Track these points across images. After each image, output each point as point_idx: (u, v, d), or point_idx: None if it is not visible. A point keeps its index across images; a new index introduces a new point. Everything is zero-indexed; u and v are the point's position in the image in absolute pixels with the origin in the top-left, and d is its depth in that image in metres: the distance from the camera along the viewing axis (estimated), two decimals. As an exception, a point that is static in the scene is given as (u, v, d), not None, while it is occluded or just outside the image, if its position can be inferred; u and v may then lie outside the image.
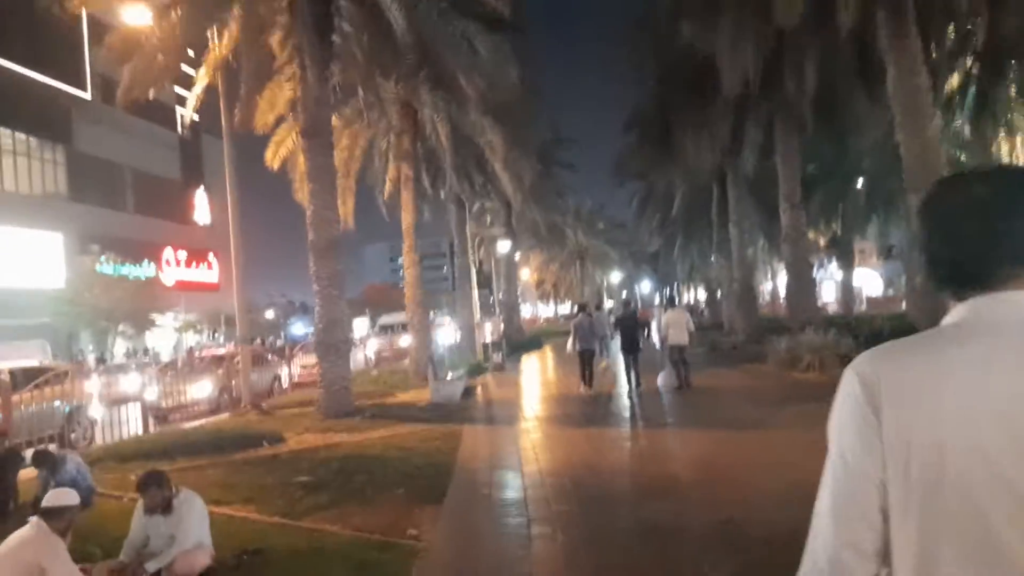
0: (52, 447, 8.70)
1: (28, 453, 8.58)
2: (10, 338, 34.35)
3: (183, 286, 55.33)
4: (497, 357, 19.89)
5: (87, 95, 48.57)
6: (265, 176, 17.74)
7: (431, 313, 45.60)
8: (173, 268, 56.00)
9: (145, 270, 51.23)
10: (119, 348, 46.89)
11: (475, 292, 24.57)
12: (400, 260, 19.12)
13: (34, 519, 4.58)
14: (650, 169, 26.29)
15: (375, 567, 5.04)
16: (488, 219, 35.00)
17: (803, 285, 18.56)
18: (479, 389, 16.35)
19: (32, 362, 12.58)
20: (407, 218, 18.53)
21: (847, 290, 31.30)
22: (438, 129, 16.25)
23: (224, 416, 13.56)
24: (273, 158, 17.04)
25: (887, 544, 1.07)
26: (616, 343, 15.17)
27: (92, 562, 5.28)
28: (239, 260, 14.64)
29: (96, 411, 12.32)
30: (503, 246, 27.06)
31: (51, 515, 4.50)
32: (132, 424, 11.74)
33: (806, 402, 11.40)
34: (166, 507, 5.04)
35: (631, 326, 14.38)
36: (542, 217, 33.25)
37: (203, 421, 13.07)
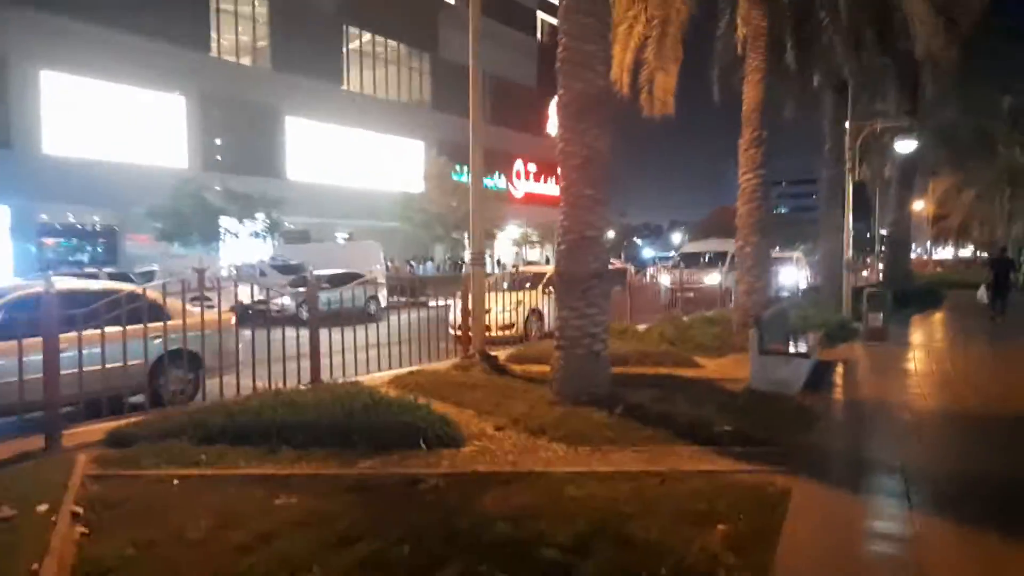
0: None
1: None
2: (369, 237, 36.56)
3: (529, 199, 55.17)
4: (875, 318, 12.93)
5: (451, 1, 49.25)
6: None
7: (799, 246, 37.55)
8: (522, 180, 56.17)
9: (496, 181, 52.03)
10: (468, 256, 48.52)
11: (849, 218, 17.29)
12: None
13: None
14: None
15: None
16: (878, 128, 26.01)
17: None
18: (839, 371, 10.05)
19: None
20: (752, 95, 12.35)
21: None
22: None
23: (444, 364, 9.66)
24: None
25: None
26: None
27: None
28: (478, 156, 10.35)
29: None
30: (902, 147, 18.39)
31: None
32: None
33: None
34: None
35: None
36: (962, 117, 23.31)
37: (413, 368, 9.29)
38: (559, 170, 7.46)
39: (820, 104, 18.33)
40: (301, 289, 19.06)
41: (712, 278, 19.39)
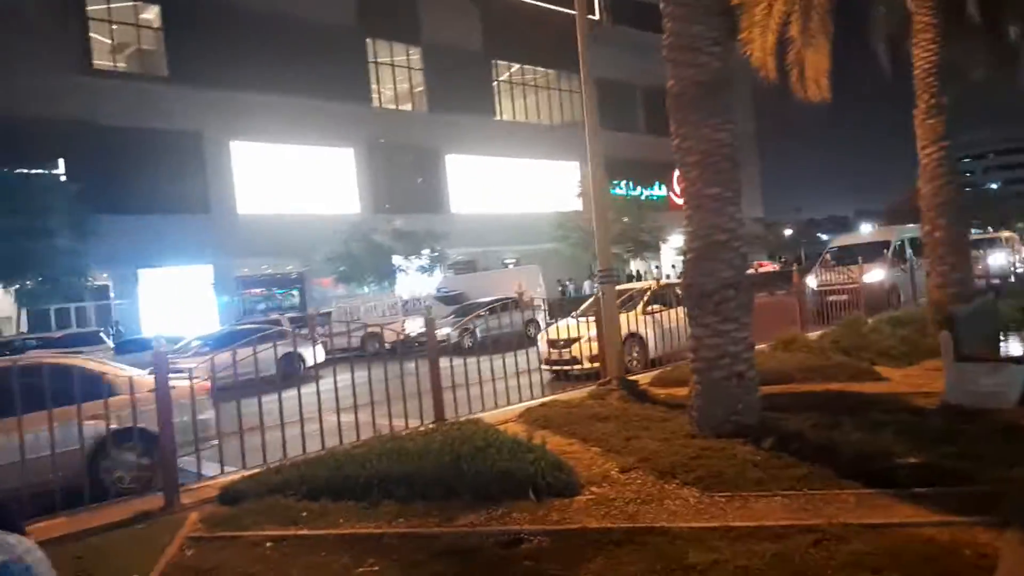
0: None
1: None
2: (531, 260, 36.75)
3: (693, 205, 52.90)
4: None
5: (596, 17, 48.78)
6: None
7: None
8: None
9: (655, 191, 50.69)
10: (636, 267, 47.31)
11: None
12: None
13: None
14: None
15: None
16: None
17: None
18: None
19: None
20: (924, 58, 10.57)
21: None
22: None
23: (581, 392, 8.94)
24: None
25: None
26: None
27: None
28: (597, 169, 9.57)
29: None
30: None
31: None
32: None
33: None
34: None
35: None
36: None
37: (547, 398, 8.69)
38: (676, 160, 6.58)
39: (1019, 60, 15.52)
40: (462, 318, 19.36)
41: (873, 275, 16.62)
